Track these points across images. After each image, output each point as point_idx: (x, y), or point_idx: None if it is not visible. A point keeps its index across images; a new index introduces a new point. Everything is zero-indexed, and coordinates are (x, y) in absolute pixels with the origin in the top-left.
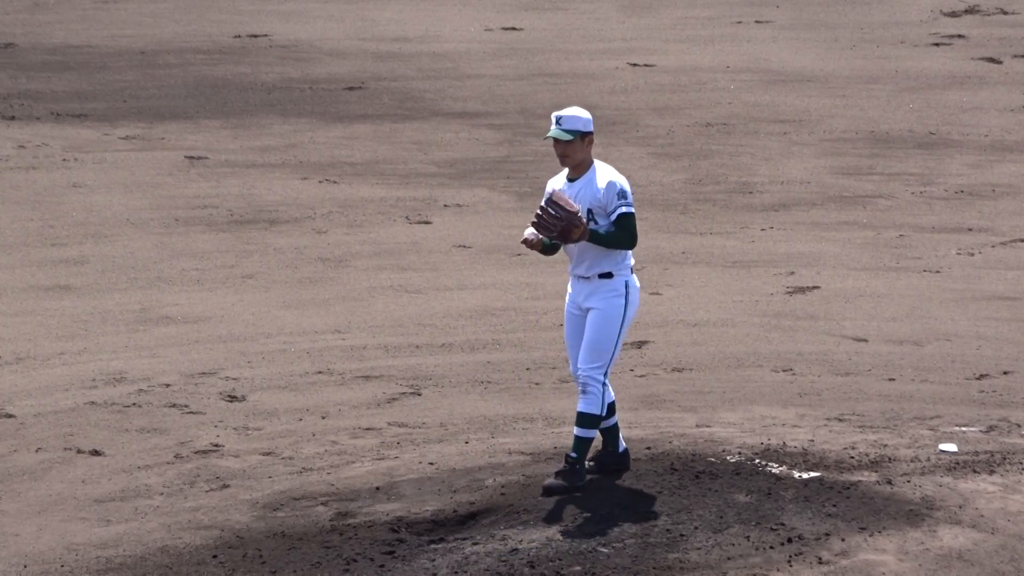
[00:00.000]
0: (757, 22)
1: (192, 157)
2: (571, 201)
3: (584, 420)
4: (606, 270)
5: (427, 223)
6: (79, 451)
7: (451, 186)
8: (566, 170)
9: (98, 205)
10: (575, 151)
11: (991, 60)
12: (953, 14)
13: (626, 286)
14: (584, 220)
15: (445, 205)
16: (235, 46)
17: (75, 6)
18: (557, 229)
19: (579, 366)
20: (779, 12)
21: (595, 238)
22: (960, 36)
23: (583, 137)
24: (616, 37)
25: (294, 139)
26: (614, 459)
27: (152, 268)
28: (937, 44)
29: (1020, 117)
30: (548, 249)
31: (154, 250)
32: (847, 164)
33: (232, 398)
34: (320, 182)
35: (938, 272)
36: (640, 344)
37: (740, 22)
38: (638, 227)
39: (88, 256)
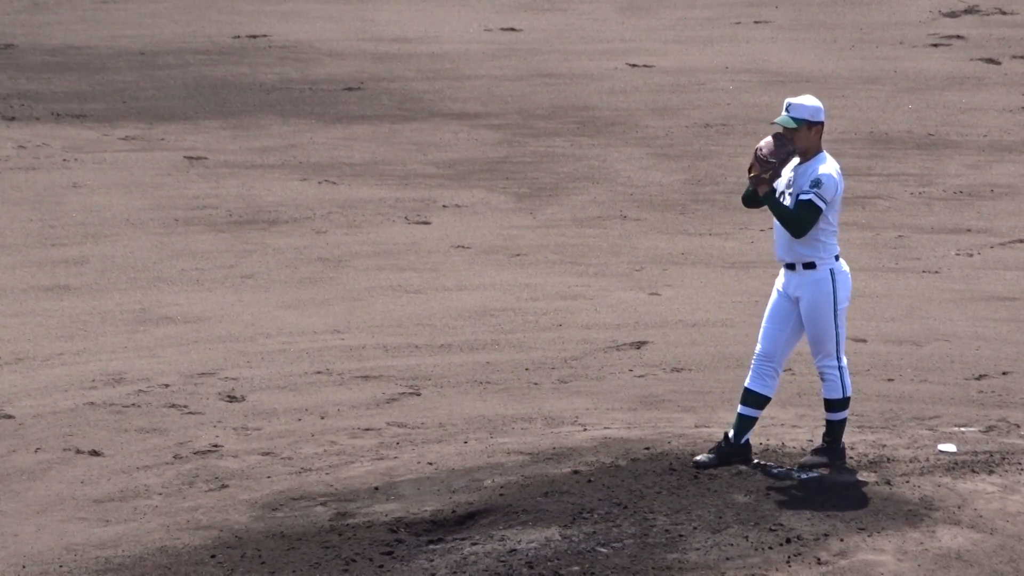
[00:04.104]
0: (756, 22)
1: (191, 157)
2: (780, 151)
3: (829, 405)
4: (808, 260)
5: (426, 223)
6: (78, 451)
7: (450, 187)
8: None
9: (98, 205)
10: (800, 139)
11: (990, 61)
12: (952, 15)
13: (831, 273)
14: (768, 177)
15: (444, 206)
16: (234, 47)
17: (75, 7)
18: (754, 159)
19: (814, 359)
20: (778, 13)
21: (769, 199)
22: (959, 37)
23: (810, 126)
24: (615, 38)
25: (293, 140)
26: (734, 449)
27: (152, 268)
28: (936, 45)
29: (1019, 118)
30: (750, 199)
31: (153, 250)
32: (846, 165)
33: (231, 398)
34: (319, 183)
35: (937, 272)
36: (639, 344)
37: (739, 23)
38: (644, 230)
39: (88, 256)
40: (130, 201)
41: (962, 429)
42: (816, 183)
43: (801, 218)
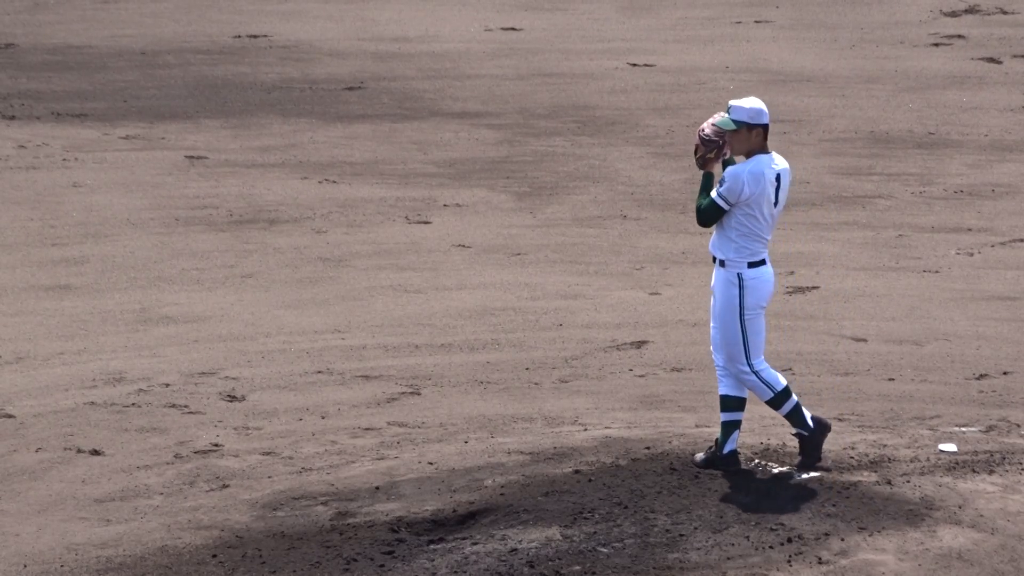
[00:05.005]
0: (756, 22)
1: (192, 157)
2: (723, 133)
3: (770, 404)
4: (721, 257)
5: (426, 223)
6: (79, 451)
7: (450, 186)
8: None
9: (98, 205)
10: (738, 141)
11: (991, 60)
12: (953, 14)
13: (739, 278)
14: (713, 157)
15: (444, 205)
16: (235, 46)
17: (75, 6)
18: (699, 142)
19: (729, 364)
20: (779, 12)
21: (704, 180)
22: (960, 36)
23: (749, 129)
24: (616, 37)
25: (294, 139)
26: (720, 460)
27: (152, 268)
28: (937, 44)
29: (1020, 117)
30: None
31: (154, 250)
32: (846, 164)
33: (232, 398)
34: (320, 182)
35: (937, 272)
36: (639, 344)
37: (740, 22)
38: (644, 229)
39: (88, 256)
40: (130, 200)
41: (963, 429)
42: (721, 181)
43: (701, 210)
